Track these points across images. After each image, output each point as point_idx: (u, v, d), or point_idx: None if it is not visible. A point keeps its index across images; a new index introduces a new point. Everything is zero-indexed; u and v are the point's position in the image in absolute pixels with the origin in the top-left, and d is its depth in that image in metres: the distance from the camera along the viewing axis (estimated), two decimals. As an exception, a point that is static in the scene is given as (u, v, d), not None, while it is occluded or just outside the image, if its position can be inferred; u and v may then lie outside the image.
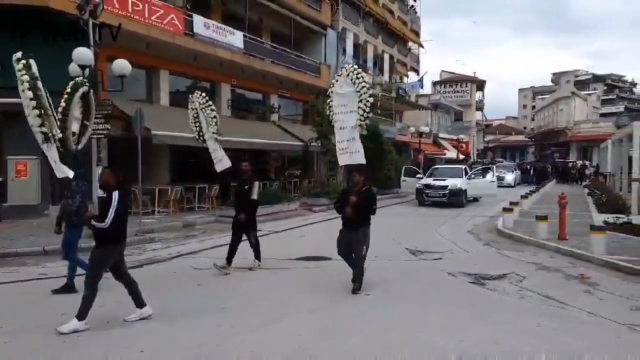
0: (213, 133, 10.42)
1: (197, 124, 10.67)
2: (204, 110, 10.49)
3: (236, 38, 19.04)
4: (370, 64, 31.85)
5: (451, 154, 43.84)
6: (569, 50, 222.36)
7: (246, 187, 8.27)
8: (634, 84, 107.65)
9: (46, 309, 6.04)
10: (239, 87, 21.15)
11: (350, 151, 8.16)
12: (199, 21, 17.31)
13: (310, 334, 5.19)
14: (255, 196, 8.32)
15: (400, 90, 36.24)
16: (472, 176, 20.79)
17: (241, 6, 20.13)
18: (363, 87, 7.82)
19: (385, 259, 9.26)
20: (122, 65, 11.30)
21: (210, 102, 10.66)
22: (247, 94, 22.49)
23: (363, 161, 8.04)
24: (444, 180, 19.94)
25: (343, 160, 8.26)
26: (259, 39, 21.39)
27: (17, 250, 9.40)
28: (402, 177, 22.87)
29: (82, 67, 10.37)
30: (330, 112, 8.47)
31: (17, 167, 13.11)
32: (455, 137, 45.65)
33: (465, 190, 19.58)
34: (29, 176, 13.09)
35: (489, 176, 20.89)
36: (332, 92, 8.35)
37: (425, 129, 36.16)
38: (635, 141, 15.32)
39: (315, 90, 24.54)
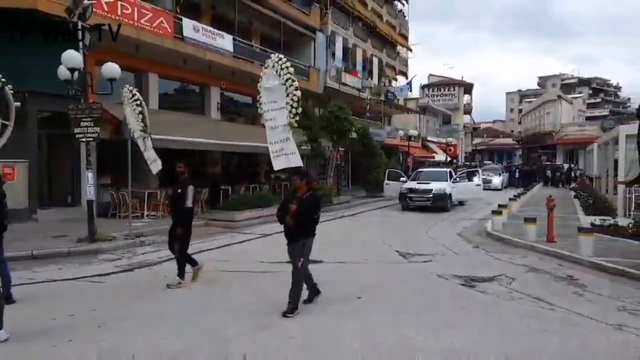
0: (141, 131, 9.27)
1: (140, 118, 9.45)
2: (130, 105, 9.18)
3: (226, 41, 19.01)
4: (359, 67, 31.98)
5: (440, 156, 44.13)
6: (554, 55, 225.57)
7: (179, 191, 7.36)
8: (618, 88, 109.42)
9: (35, 314, 5.98)
10: (228, 90, 21.10)
11: (285, 153, 7.31)
12: (188, 24, 17.26)
13: (303, 336, 5.20)
14: (189, 203, 7.36)
15: (389, 94, 36.45)
16: (457, 179, 20.21)
17: (231, 9, 20.13)
18: (288, 79, 7.04)
19: (376, 261, 9.35)
20: (111, 68, 11.22)
21: (137, 96, 9.29)
22: (237, 97, 22.44)
23: (300, 163, 7.31)
24: (428, 183, 19.21)
25: (279, 163, 7.40)
26: (248, 42, 21.38)
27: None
28: (385, 181, 22.22)
29: (71, 70, 10.29)
30: (260, 109, 7.67)
31: (5, 171, 12.93)
32: (443, 140, 45.95)
33: (450, 194, 19.00)
34: (16, 179, 12.93)
35: (475, 179, 20.37)
36: (260, 86, 7.54)
37: (414, 132, 36.42)
38: (621, 144, 15.56)
39: (305, 93, 24.53)
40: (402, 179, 21.44)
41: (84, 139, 10.83)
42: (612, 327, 5.51)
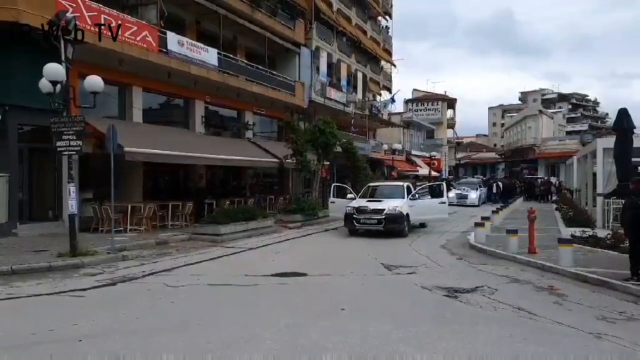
0: None
1: None
2: None
3: (210, 55, 19.07)
4: (344, 82, 32.27)
5: (424, 170, 44.53)
6: (527, 71, 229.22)
7: None
8: (597, 103, 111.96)
9: (14, 329, 5.87)
10: (213, 104, 21.12)
11: None
12: (172, 38, 17.30)
13: (287, 349, 5.18)
14: None
15: (374, 108, 36.80)
16: (417, 196, 16.38)
17: (215, 24, 20.23)
18: None
19: (360, 273, 9.38)
20: (94, 81, 11.15)
21: None
22: (222, 111, 22.48)
23: None
24: (380, 201, 15.58)
25: None
26: (233, 56, 21.46)
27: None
28: (331, 199, 18.01)
29: (54, 82, 10.22)
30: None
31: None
32: (427, 154, 46.45)
33: (407, 214, 15.27)
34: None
35: (439, 196, 16.61)
36: None
37: (398, 146, 36.83)
38: (599, 157, 15.89)
39: (290, 107, 24.74)
40: (349, 195, 17.48)
41: (66, 152, 10.73)
42: (592, 336, 5.59)
